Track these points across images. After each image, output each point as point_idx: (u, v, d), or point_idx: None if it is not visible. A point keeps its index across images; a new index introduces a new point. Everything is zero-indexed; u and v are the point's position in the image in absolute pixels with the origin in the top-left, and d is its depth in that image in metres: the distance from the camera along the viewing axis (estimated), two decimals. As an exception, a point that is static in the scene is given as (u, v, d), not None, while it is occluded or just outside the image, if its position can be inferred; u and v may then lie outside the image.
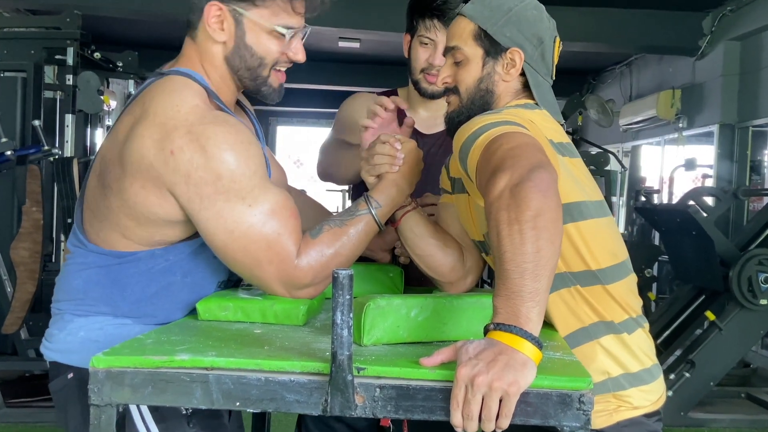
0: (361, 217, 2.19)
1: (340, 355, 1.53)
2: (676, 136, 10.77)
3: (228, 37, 2.14)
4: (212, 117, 2.02)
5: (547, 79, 2.28)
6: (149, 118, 2.00)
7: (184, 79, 2.10)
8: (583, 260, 2.09)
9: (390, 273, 2.60)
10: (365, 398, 1.56)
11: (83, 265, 2.16)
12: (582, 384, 1.55)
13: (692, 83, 10.28)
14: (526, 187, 1.63)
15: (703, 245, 5.89)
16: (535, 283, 1.56)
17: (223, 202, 1.98)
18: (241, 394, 1.59)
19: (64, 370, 2.16)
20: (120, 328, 2.11)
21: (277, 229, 2.02)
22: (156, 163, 1.96)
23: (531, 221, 1.59)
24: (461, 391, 1.49)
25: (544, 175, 1.66)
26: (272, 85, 2.23)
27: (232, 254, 2.04)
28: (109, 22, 10.32)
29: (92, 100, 6.82)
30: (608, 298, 2.11)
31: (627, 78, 12.80)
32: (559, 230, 1.65)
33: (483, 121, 1.98)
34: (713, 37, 9.62)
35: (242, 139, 2.02)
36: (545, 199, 1.63)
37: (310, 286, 2.10)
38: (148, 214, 2.03)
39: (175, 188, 1.98)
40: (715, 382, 6.03)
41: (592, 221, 2.11)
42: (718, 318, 5.91)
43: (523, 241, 1.57)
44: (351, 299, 1.53)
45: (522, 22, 2.21)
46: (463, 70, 2.25)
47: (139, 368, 1.61)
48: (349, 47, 11.66)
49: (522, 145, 1.81)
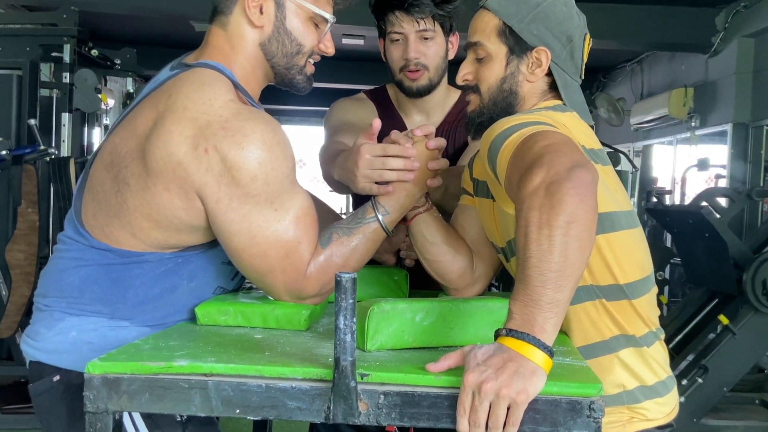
0: (369, 225, 2.17)
1: (343, 361, 1.53)
2: (689, 136, 10.75)
3: (267, 21, 2.13)
4: (248, 113, 1.98)
5: (576, 78, 2.22)
6: (178, 113, 1.95)
7: (214, 73, 2.07)
8: (612, 274, 2.06)
9: (395, 276, 2.60)
10: (369, 405, 1.56)
11: (81, 261, 2.10)
12: (592, 390, 1.54)
13: (705, 81, 10.26)
14: (564, 188, 1.57)
15: (716, 247, 5.88)
16: (557, 293, 1.53)
17: (253, 205, 1.95)
18: (241, 401, 1.59)
19: (50, 371, 2.11)
20: (116, 330, 2.07)
21: (298, 237, 2.01)
22: (186, 161, 1.92)
23: (563, 227, 1.54)
24: (468, 397, 1.48)
25: (584, 176, 1.60)
26: (307, 74, 2.23)
27: (249, 259, 2.01)
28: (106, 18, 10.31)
29: (89, 98, 6.82)
30: (632, 313, 2.10)
31: (638, 76, 12.78)
32: (591, 240, 1.60)
33: (515, 121, 1.95)
34: (727, 33, 9.59)
35: (279, 140, 1.98)
36: (582, 204, 1.57)
37: (316, 296, 2.10)
38: (172, 218, 1.99)
39: (204, 189, 1.94)
40: (728, 388, 6.00)
41: (623, 233, 2.08)
42: (732, 322, 5.89)
43: (551, 247, 1.54)
44: (354, 303, 1.53)
45: (550, 19, 2.15)
46: (485, 68, 2.20)
47: (135, 374, 1.61)
48: (353, 44, 11.64)
49: (560, 143, 1.76)
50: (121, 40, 11.37)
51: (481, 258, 2.39)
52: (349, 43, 11.53)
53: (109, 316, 2.08)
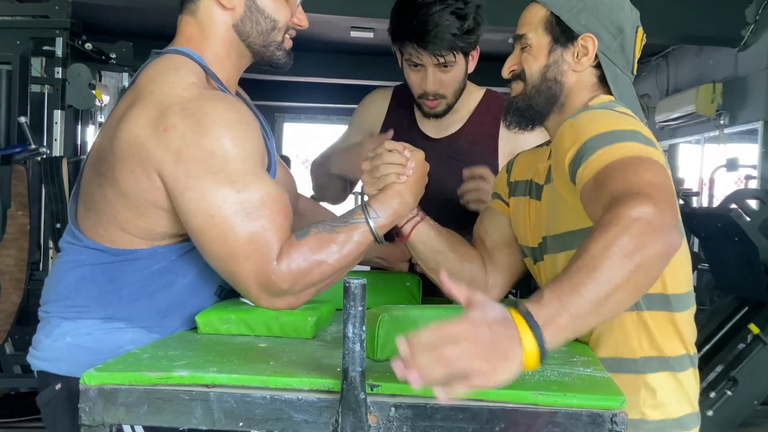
0: (356, 226, 2.13)
1: (352, 372, 1.54)
2: (717, 134, 10.73)
3: (237, 2, 2.18)
4: (210, 94, 2.05)
5: (628, 73, 2.23)
6: (144, 98, 2.03)
7: (181, 57, 2.14)
8: (662, 281, 2.07)
9: (407, 282, 2.60)
10: (379, 418, 1.56)
11: (77, 262, 2.15)
12: (615, 403, 1.55)
13: (734, 76, 10.24)
14: (663, 241, 1.58)
15: (746, 252, 5.87)
16: (591, 316, 1.53)
17: (211, 182, 1.97)
18: (244, 413, 1.59)
19: (52, 380, 2.15)
20: (110, 333, 2.11)
21: (263, 223, 1.99)
22: (147, 141, 1.98)
23: (641, 269, 1.54)
24: (438, 341, 1.43)
25: (676, 242, 1.62)
26: (286, 48, 2.28)
27: (209, 243, 2.01)
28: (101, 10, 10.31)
29: (83, 94, 6.82)
30: (671, 328, 2.10)
31: (664, 71, 12.75)
32: (642, 293, 1.64)
33: (610, 125, 1.92)
34: (757, 26, 9.57)
35: (241, 119, 2.03)
36: (661, 266, 1.59)
37: (289, 294, 2.05)
38: (143, 200, 2.04)
39: (163, 167, 1.98)
40: (759, 401, 6.00)
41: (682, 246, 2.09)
42: (763, 331, 5.89)
43: (622, 280, 1.53)
44: (364, 310, 1.53)
45: (600, 9, 2.18)
46: (528, 56, 2.22)
47: (133, 385, 1.61)
48: (362, 37, 11.63)
49: (668, 189, 1.73)
50: (117, 33, 11.39)
51: (497, 265, 2.39)
52: (357, 36, 11.51)
53: (103, 317, 2.12)
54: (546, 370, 1.76)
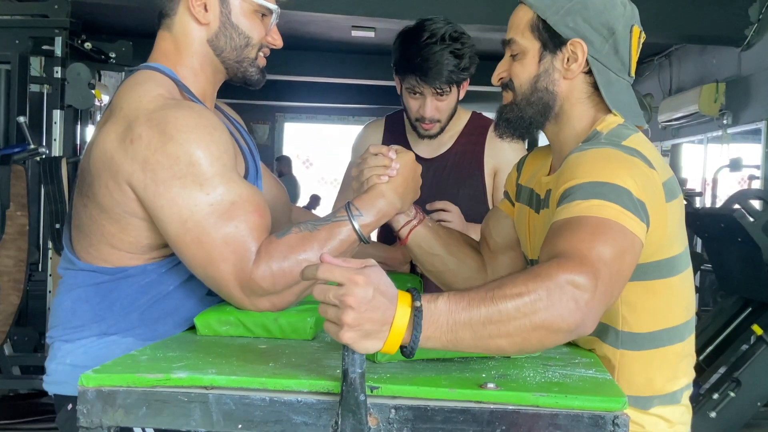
0: (338, 224, 2.14)
1: (352, 373, 1.53)
2: (720, 134, 10.73)
3: (213, 17, 2.22)
4: (174, 103, 2.09)
5: (623, 76, 2.14)
6: (114, 114, 2.09)
7: (150, 72, 2.18)
8: (665, 318, 2.07)
9: (408, 283, 2.61)
10: (379, 420, 1.56)
11: (72, 285, 2.20)
12: (616, 404, 1.55)
13: (738, 76, 10.24)
14: (571, 323, 1.58)
15: (750, 253, 5.87)
16: (468, 336, 1.56)
17: (179, 188, 2.00)
18: (243, 415, 1.59)
19: (65, 401, 2.20)
20: (106, 348, 2.15)
21: (237, 224, 2.02)
22: (116, 155, 2.03)
23: (535, 333, 1.57)
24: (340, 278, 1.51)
25: (584, 328, 1.61)
26: (259, 66, 2.31)
27: (186, 249, 2.04)
28: (101, 9, 10.32)
29: (82, 94, 6.81)
30: (671, 361, 2.09)
31: (666, 70, 12.76)
32: (525, 353, 1.74)
33: (606, 174, 1.86)
34: (761, 25, 9.57)
35: (205, 123, 2.05)
36: (556, 339, 1.61)
37: (272, 294, 2.06)
38: (121, 213, 2.07)
39: (132, 177, 2.02)
40: (762, 403, 5.99)
41: (683, 275, 2.09)
42: (766, 332, 5.88)
43: (511, 326, 1.56)
44: (364, 312, 1.53)
45: (588, 10, 2.07)
46: (517, 64, 2.14)
47: (132, 387, 1.61)
48: (363, 37, 11.63)
49: (616, 268, 1.71)
50: (117, 32, 11.41)
51: (499, 268, 2.40)
52: (358, 35, 11.51)
53: (98, 333, 2.17)
54: (547, 371, 1.77)
